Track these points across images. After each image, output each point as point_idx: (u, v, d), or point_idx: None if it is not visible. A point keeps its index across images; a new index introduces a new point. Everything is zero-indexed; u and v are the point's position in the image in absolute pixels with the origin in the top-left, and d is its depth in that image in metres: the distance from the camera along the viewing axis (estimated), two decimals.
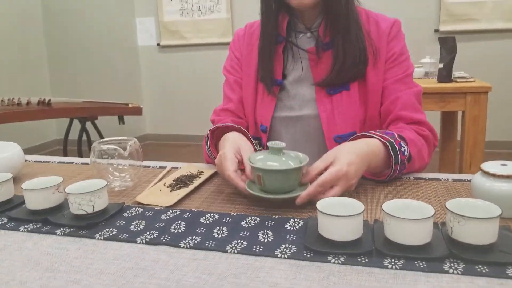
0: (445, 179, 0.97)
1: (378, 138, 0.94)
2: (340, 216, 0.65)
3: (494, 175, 0.76)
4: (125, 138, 1.00)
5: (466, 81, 2.40)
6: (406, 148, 0.94)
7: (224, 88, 1.25)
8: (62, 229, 0.78)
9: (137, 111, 3.54)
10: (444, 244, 0.65)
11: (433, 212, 0.64)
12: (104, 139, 1.00)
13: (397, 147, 0.92)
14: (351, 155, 0.86)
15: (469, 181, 0.95)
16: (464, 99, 2.32)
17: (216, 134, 1.10)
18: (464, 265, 0.60)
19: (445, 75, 2.40)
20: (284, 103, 1.16)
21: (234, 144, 0.94)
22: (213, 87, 4.51)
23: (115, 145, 0.97)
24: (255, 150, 0.98)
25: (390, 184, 0.95)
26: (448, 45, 2.38)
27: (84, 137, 3.69)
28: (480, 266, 0.60)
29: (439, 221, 0.72)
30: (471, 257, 0.61)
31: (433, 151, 1.09)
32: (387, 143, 0.92)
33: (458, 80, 2.43)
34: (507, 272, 0.58)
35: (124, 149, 0.97)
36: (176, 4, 4.54)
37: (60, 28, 4.64)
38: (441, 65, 2.42)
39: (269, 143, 0.87)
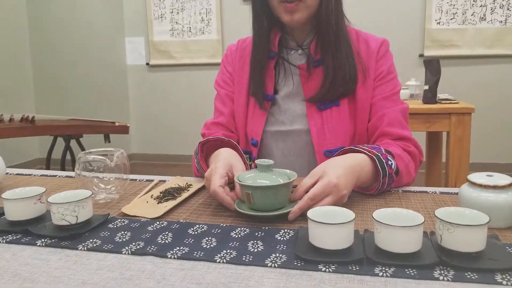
0: (432, 192, 0.97)
1: (365, 153, 0.94)
2: (330, 224, 0.64)
3: (480, 186, 0.76)
4: (112, 149, 0.98)
5: (450, 103, 2.45)
6: (393, 161, 0.95)
7: (215, 102, 1.25)
8: (43, 240, 0.75)
9: (124, 129, 3.51)
10: (433, 252, 0.64)
11: (423, 219, 0.64)
12: (90, 150, 0.99)
13: (384, 161, 0.93)
14: (339, 168, 0.86)
15: (456, 193, 0.95)
16: (449, 119, 2.36)
17: (206, 148, 1.09)
18: (454, 272, 0.60)
19: (430, 96, 2.44)
20: (275, 117, 1.16)
21: (228, 161, 0.93)
22: (201, 107, 4.51)
23: (101, 156, 0.95)
24: (247, 169, 0.98)
25: (379, 196, 0.95)
26: (433, 67, 2.43)
27: (68, 156, 3.64)
28: (469, 273, 0.59)
29: (428, 231, 0.72)
30: (460, 264, 0.61)
31: (419, 167, 1.10)
32: (374, 157, 0.93)
33: (443, 101, 2.48)
34: (495, 278, 0.58)
35: (111, 160, 0.95)
36: (166, 25, 4.57)
37: (47, 44, 4.62)
38: (426, 87, 2.46)
39: (257, 161, 0.86)
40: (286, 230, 0.77)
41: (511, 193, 0.75)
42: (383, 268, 0.62)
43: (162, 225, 0.81)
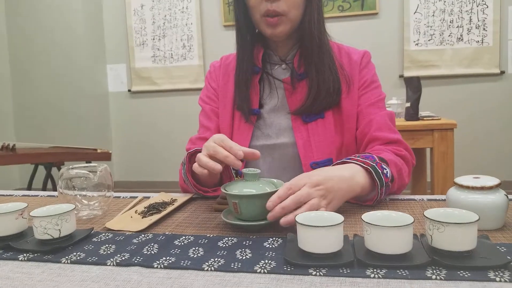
0: (420, 199, 0.97)
1: (360, 164, 0.92)
2: (320, 227, 0.63)
3: (468, 187, 0.77)
4: (95, 164, 0.97)
5: (433, 119, 2.48)
6: (388, 169, 0.94)
7: (200, 118, 1.24)
8: (25, 254, 0.73)
9: (106, 156, 3.47)
10: (425, 252, 0.64)
11: (412, 220, 0.63)
12: (73, 166, 0.97)
13: (379, 171, 0.91)
14: (315, 171, 0.86)
15: (444, 200, 0.95)
16: (432, 136, 2.39)
17: (194, 159, 1.08)
18: (446, 271, 0.59)
19: (412, 113, 2.48)
20: (261, 131, 1.16)
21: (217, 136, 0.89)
22: (184, 133, 4.49)
23: (84, 171, 0.93)
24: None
25: (367, 205, 0.94)
26: (413, 84, 2.47)
27: (50, 185, 3.58)
28: (462, 271, 0.59)
29: (418, 234, 0.72)
30: (452, 263, 0.60)
31: (411, 171, 1.10)
32: (370, 168, 0.90)
33: (425, 118, 2.51)
34: (488, 275, 0.57)
35: (94, 175, 0.93)
36: (148, 51, 4.58)
37: (27, 72, 4.57)
38: (408, 104, 2.50)
39: (244, 170, 0.85)
40: (274, 238, 0.76)
41: (499, 194, 0.75)
42: (375, 269, 0.61)
43: (147, 237, 0.79)
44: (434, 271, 0.59)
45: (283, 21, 1.07)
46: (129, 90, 4.70)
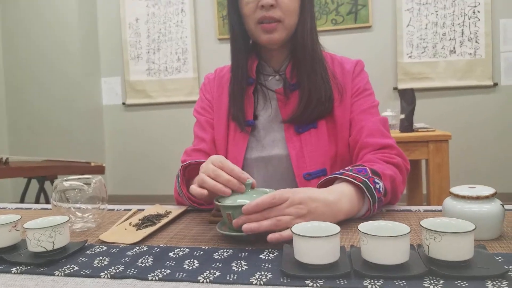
0: (416, 210, 0.97)
1: (351, 181, 0.90)
2: (316, 237, 0.63)
3: (464, 197, 0.77)
4: (89, 176, 0.96)
5: (427, 131, 2.49)
6: (381, 183, 0.92)
7: (195, 129, 1.24)
8: (18, 267, 0.71)
9: (100, 170, 3.46)
10: (421, 263, 0.63)
11: (409, 229, 0.63)
12: (67, 178, 0.96)
13: (371, 186, 0.89)
14: (301, 189, 0.84)
15: (440, 211, 0.95)
16: (427, 147, 2.39)
17: (188, 171, 1.07)
18: (444, 281, 0.59)
19: (407, 125, 2.49)
20: (256, 143, 1.16)
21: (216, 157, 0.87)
22: (179, 146, 4.47)
23: (78, 182, 0.92)
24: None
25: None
26: (407, 96, 2.48)
27: (42, 199, 3.55)
28: (459, 281, 0.58)
29: (414, 244, 0.71)
30: (450, 273, 0.60)
31: (406, 176, 1.09)
32: (361, 185, 0.89)
33: (420, 130, 2.52)
34: (486, 285, 0.57)
35: (88, 187, 0.92)
36: (142, 65, 4.59)
37: (21, 85, 4.56)
38: (402, 116, 2.51)
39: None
40: (270, 250, 0.75)
41: (494, 204, 0.75)
42: (372, 280, 0.60)
43: (142, 250, 0.78)
44: (432, 281, 0.59)
45: (279, 28, 1.07)
46: (123, 103, 4.70)
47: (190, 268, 0.69)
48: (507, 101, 3.95)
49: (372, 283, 0.59)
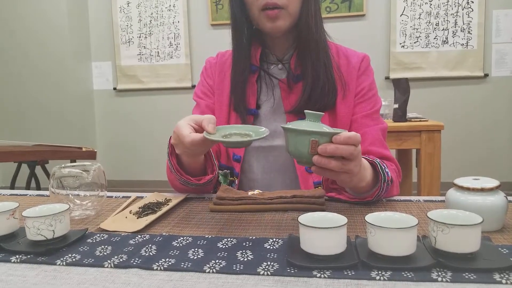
0: (416, 200, 0.97)
1: (365, 158, 0.93)
2: (323, 228, 0.62)
3: (468, 189, 0.77)
4: (89, 163, 0.94)
5: (420, 121, 2.50)
6: (388, 170, 0.95)
7: (194, 113, 1.21)
8: (17, 256, 0.70)
9: (91, 155, 3.41)
10: (428, 254, 0.63)
11: (417, 221, 0.63)
12: (64, 165, 0.94)
13: (383, 166, 0.94)
14: None
15: (440, 201, 0.95)
16: (419, 137, 2.41)
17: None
18: (451, 273, 0.59)
19: (400, 114, 2.49)
20: None
21: (188, 118, 0.90)
22: (170, 132, 4.44)
23: (77, 170, 0.91)
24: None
25: (366, 206, 0.94)
26: (401, 86, 2.48)
27: (33, 184, 3.51)
28: (467, 273, 0.59)
29: (419, 235, 0.71)
30: (457, 265, 0.60)
31: (399, 186, 1.11)
32: (375, 162, 0.93)
33: (413, 119, 2.53)
34: (494, 277, 0.57)
35: (88, 174, 0.91)
36: (134, 49, 4.53)
37: (10, 69, 4.47)
38: (396, 105, 2.51)
39: (307, 111, 0.83)
40: (275, 239, 0.74)
41: (498, 196, 0.76)
42: (379, 272, 0.60)
43: (144, 238, 0.77)
44: (440, 273, 0.59)
45: (283, 15, 1.05)
46: (114, 88, 4.64)
47: (195, 257, 0.68)
48: (497, 93, 3.98)
49: (380, 275, 0.59)
